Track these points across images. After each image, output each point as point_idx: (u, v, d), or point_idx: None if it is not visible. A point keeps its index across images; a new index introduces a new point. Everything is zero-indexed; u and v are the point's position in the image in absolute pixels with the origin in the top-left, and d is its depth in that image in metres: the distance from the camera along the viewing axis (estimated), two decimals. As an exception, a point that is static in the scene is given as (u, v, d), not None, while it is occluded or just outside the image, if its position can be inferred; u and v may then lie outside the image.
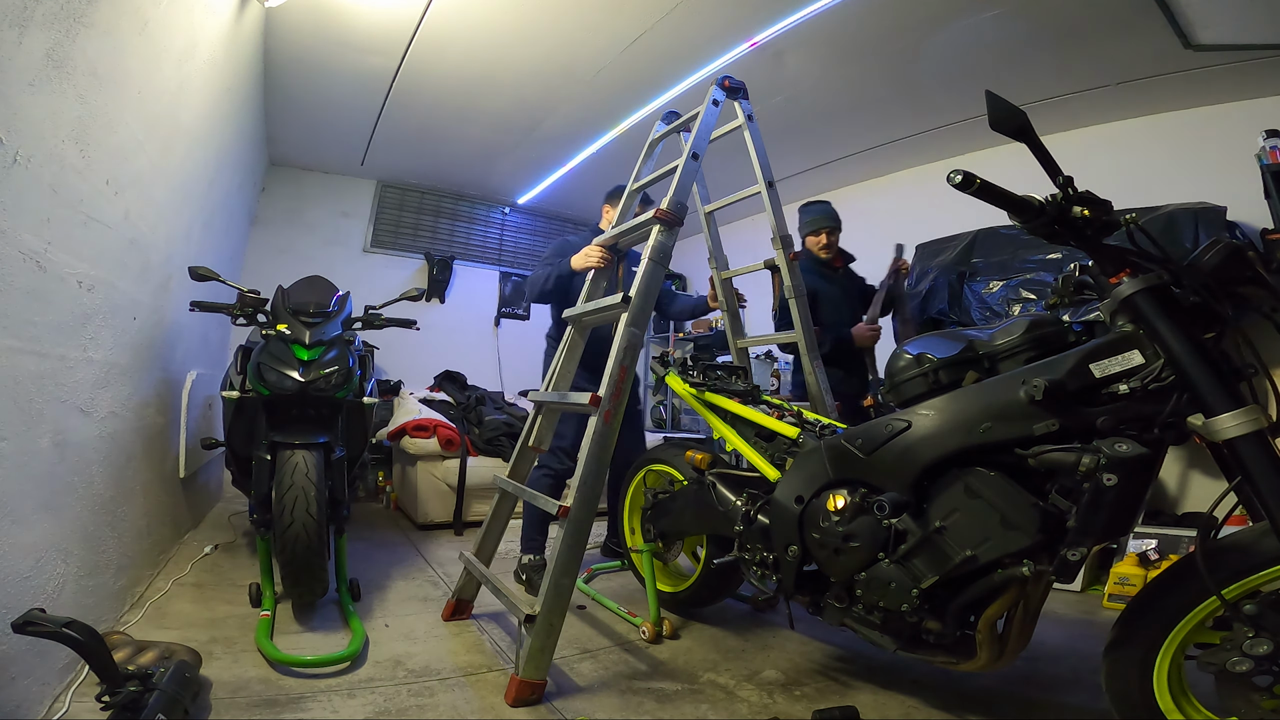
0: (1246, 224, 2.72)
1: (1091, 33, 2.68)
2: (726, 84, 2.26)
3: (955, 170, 1.08)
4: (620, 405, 1.75)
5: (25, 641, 1.18)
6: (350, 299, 2.36)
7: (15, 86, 1.15)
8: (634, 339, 1.79)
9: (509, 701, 1.53)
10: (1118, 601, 2.31)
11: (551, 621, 1.59)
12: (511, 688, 1.54)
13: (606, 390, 1.72)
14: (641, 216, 2.03)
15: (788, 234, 2.38)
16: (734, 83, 2.30)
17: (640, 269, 1.85)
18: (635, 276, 1.84)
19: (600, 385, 1.74)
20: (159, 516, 2.28)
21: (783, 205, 2.46)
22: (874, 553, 1.36)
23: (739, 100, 2.34)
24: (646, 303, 1.84)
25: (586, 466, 1.68)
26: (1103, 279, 1.15)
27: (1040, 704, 1.61)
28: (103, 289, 1.65)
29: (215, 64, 2.45)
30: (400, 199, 5.20)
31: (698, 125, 2.14)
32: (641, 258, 1.88)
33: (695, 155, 2.06)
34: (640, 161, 2.42)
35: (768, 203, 2.40)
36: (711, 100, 2.18)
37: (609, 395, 1.72)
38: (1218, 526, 1.06)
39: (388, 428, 3.71)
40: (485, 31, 2.93)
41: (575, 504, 1.66)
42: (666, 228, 1.89)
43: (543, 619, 1.58)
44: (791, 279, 2.37)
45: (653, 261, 1.86)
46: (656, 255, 1.87)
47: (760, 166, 2.40)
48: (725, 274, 2.64)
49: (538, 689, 1.55)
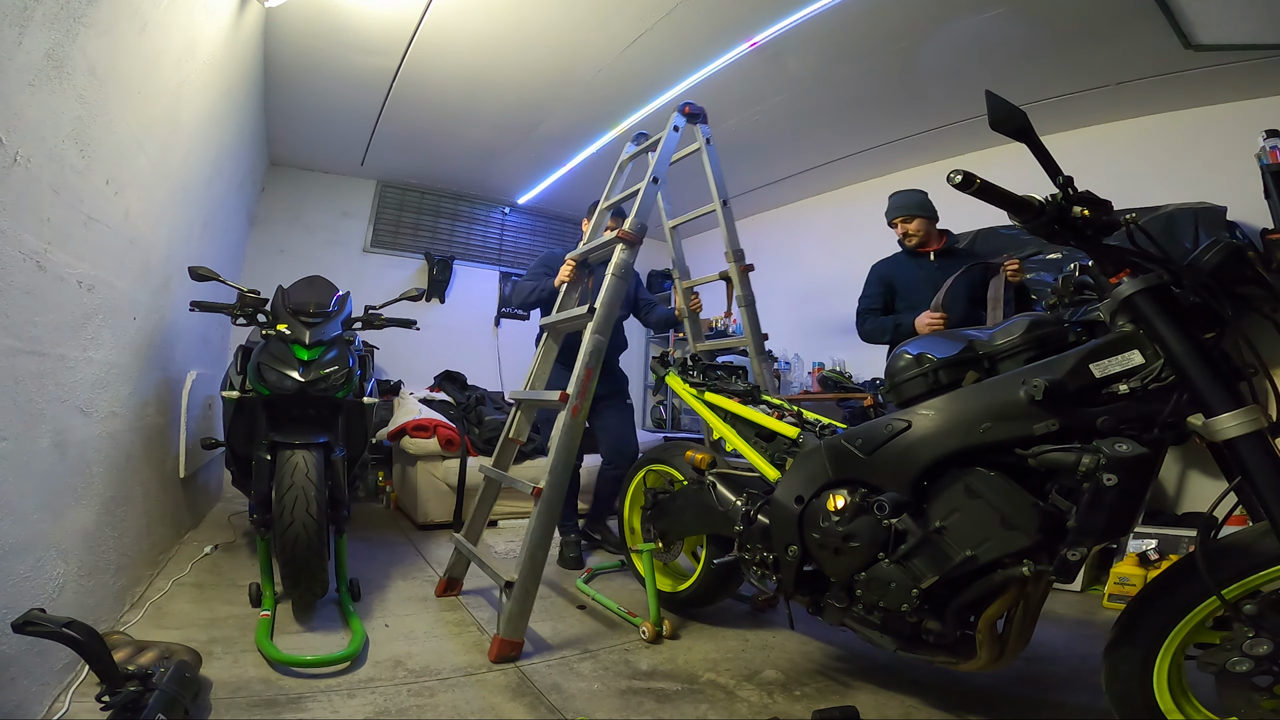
0: (1246, 224, 2.73)
1: (1091, 33, 2.68)
2: (687, 110, 2.46)
3: (955, 170, 1.08)
4: (586, 402, 1.98)
5: (25, 641, 1.18)
6: (350, 299, 2.36)
7: (15, 86, 1.15)
8: (598, 344, 2.03)
9: (491, 658, 1.76)
10: (1118, 601, 2.31)
11: (527, 588, 1.82)
12: (494, 646, 1.77)
13: (574, 389, 1.96)
14: (606, 236, 2.26)
15: (739, 248, 2.61)
16: (694, 109, 2.49)
17: (604, 283, 2.08)
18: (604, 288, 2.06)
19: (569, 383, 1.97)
20: (159, 516, 2.28)
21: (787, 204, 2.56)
22: (874, 553, 1.36)
23: (699, 125, 2.53)
24: (609, 313, 2.06)
25: (556, 455, 1.93)
26: (1103, 279, 1.15)
27: (1040, 704, 1.61)
28: (103, 289, 1.65)
29: (215, 64, 2.45)
30: (400, 199, 5.19)
31: (659, 150, 2.35)
32: (606, 273, 2.10)
33: (655, 179, 2.26)
34: (611, 180, 2.66)
35: (721, 220, 2.59)
36: (673, 126, 2.40)
37: (576, 393, 1.96)
38: (1218, 526, 1.06)
39: (388, 428, 3.70)
40: (485, 32, 2.93)
41: (547, 486, 1.90)
42: (628, 246, 2.13)
43: (519, 586, 1.81)
44: (741, 289, 2.57)
45: (615, 276, 2.09)
46: (618, 271, 2.10)
47: (716, 186, 2.58)
48: (686, 283, 2.85)
49: (516, 647, 1.79)
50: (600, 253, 2.31)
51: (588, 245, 2.42)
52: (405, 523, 3.54)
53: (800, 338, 4.82)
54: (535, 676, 1.68)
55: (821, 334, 4.67)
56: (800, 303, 4.94)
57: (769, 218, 5.31)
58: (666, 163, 2.35)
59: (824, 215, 4.86)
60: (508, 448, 2.32)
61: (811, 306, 4.84)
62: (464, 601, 2.25)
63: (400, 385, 4.56)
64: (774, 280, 5.19)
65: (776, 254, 5.21)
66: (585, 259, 2.43)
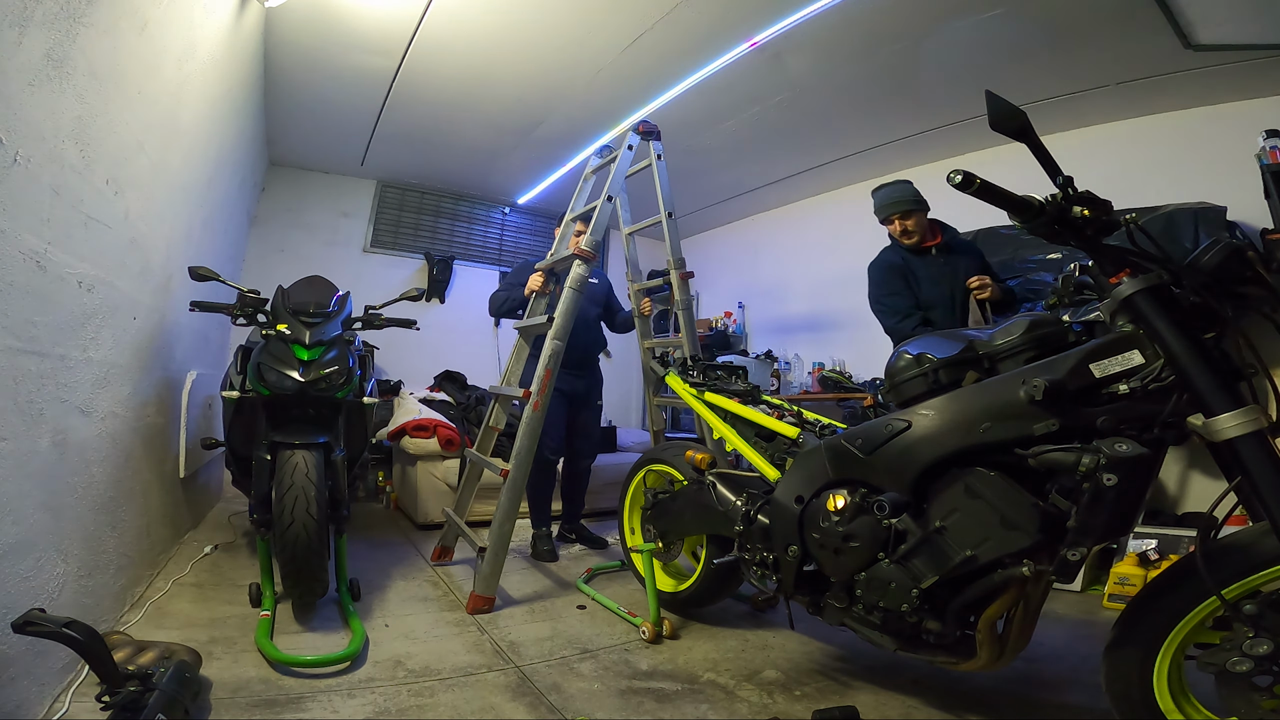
0: (1246, 224, 2.72)
1: (1091, 33, 2.68)
2: (642, 129, 2.72)
3: (955, 170, 1.08)
4: (545, 399, 2.29)
5: (25, 641, 1.18)
6: (350, 299, 2.35)
7: (15, 86, 1.15)
8: (556, 349, 2.33)
9: (469, 610, 2.12)
10: (1118, 601, 2.31)
11: (496, 553, 2.17)
12: (470, 601, 2.15)
13: (534, 386, 2.29)
14: (565, 252, 2.53)
15: (680, 256, 2.82)
16: (648, 127, 2.75)
17: (563, 296, 2.37)
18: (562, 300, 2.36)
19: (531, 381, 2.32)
20: (159, 516, 2.28)
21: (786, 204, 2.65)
22: (874, 553, 1.36)
23: (652, 141, 2.77)
24: (566, 322, 2.35)
25: (520, 441, 2.26)
26: (1103, 279, 1.15)
27: (1040, 704, 1.61)
28: (103, 289, 1.65)
29: (215, 64, 2.45)
30: (400, 199, 5.19)
31: (614, 169, 2.60)
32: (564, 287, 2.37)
33: (610, 198, 2.52)
34: (576, 192, 2.91)
35: (665, 230, 2.83)
36: (627, 145, 2.65)
37: (536, 390, 2.28)
38: (1218, 526, 1.06)
39: (388, 428, 3.70)
40: (485, 31, 2.93)
41: (513, 468, 2.24)
42: (584, 262, 2.40)
43: (490, 552, 2.17)
44: (680, 294, 2.79)
45: (572, 289, 2.37)
46: (575, 284, 2.37)
47: (663, 199, 2.82)
48: (637, 285, 3.08)
49: (489, 602, 2.16)
50: (564, 265, 2.54)
51: (553, 257, 2.70)
52: (405, 523, 3.55)
53: (800, 337, 4.82)
54: (535, 676, 1.68)
55: (821, 334, 4.67)
56: (800, 302, 4.94)
57: (769, 218, 5.31)
58: (621, 181, 2.63)
59: (824, 215, 4.86)
60: (488, 435, 2.66)
61: (811, 306, 4.84)
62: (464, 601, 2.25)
63: (400, 385, 4.56)
64: (774, 280, 5.20)
65: (776, 254, 5.22)
66: (552, 269, 2.70)
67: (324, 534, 1.86)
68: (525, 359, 2.71)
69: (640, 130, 2.70)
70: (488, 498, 3.44)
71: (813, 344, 4.68)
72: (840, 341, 4.53)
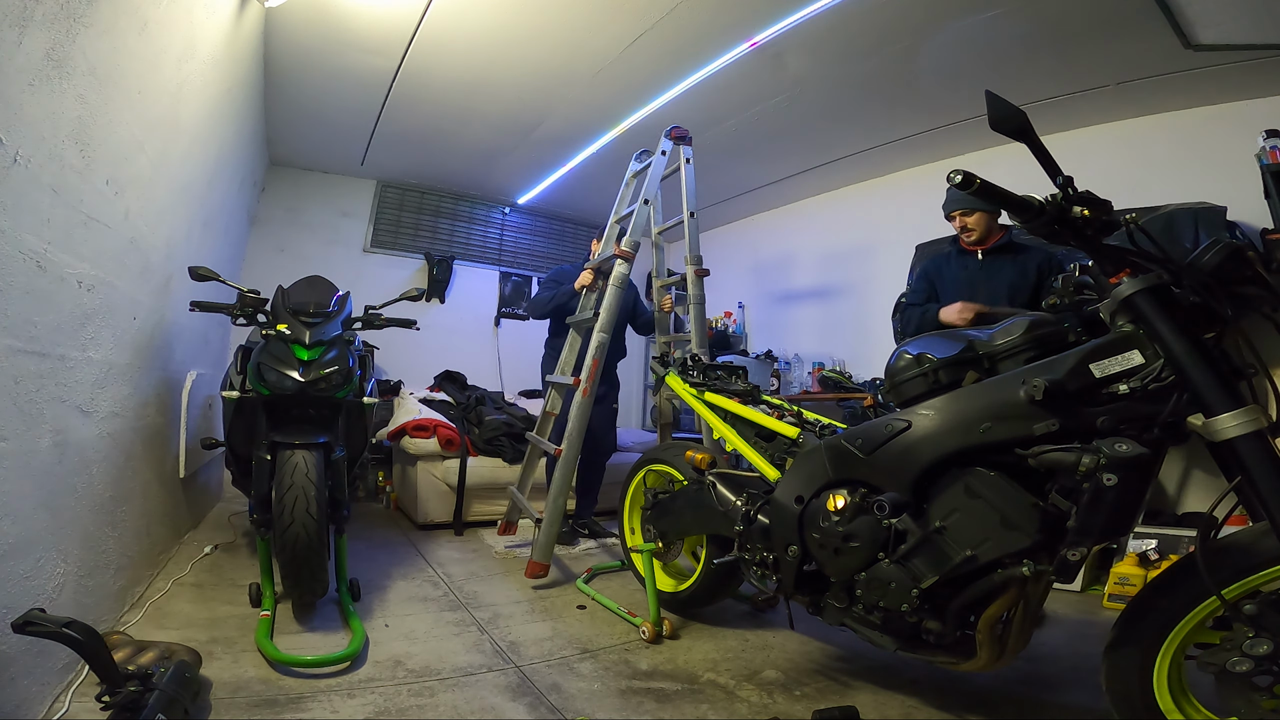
0: (1246, 224, 2.72)
1: (1091, 33, 2.67)
2: (674, 134, 2.87)
3: (955, 170, 1.08)
4: (594, 385, 2.58)
5: (25, 641, 1.18)
6: (350, 299, 2.35)
7: (15, 86, 1.15)
8: (602, 340, 2.61)
9: (528, 575, 2.47)
10: (1118, 601, 2.31)
11: (551, 523, 2.48)
12: (529, 566, 2.47)
13: (584, 374, 2.59)
14: (609, 251, 2.77)
15: (698, 254, 2.93)
16: (680, 132, 2.89)
17: (606, 293, 2.64)
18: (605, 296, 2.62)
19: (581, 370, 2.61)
20: (159, 516, 2.28)
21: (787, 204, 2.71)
22: (874, 553, 1.36)
23: (683, 146, 2.92)
24: (610, 316, 2.62)
25: (572, 423, 2.56)
26: (1103, 279, 1.15)
27: (1040, 704, 1.61)
28: (103, 289, 1.65)
29: (215, 64, 2.44)
30: (400, 199, 5.19)
31: (649, 174, 2.82)
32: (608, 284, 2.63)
33: (645, 201, 2.76)
34: (620, 195, 3.11)
35: (686, 229, 2.91)
36: (660, 150, 2.85)
37: (585, 377, 2.58)
38: (1218, 526, 1.06)
39: (388, 428, 3.70)
40: (485, 31, 2.93)
41: (566, 447, 2.55)
42: (625, 261, 2.65)
43: (546, 522, 2.48)
44: (693, 290, 2.88)
45: (615, 286, 2.63)
46: (617, 281, 2.64)
47: (688, 199, 2.91)
48: (660, 282, 3.21)
49: (544, 568, 2.47)
50: (609, 263, 2.75)
51: (601, 256, 2.96)
52: (405, 523, 3.55)
53: (800, 337, 4.82)
54: (535, 676, 1.68)
55: (822, 333, 4.67)
56: (800, 302, 4.94)
57: (769, 217, 5.31)
58: (656, 185, 2.83)
59: (824, 215, 4.86)
60: (545, 419, 2.94)
61: (812, 306, 4.85)
62: (464, 601, 2.25)
63: (400, 385, 4.56)
64: (774, 280, 5.20)
65: (777, 254, 5.21)
66: (600, 268, 2.95)
67: (324, 534, 1.86)
68: (578, 349, 2.91)
69: (673, 135, 2.86)
70: (488, 498, 3.47)
71: (813, 344, 4.68)
72: (840, 342, 4.53)
